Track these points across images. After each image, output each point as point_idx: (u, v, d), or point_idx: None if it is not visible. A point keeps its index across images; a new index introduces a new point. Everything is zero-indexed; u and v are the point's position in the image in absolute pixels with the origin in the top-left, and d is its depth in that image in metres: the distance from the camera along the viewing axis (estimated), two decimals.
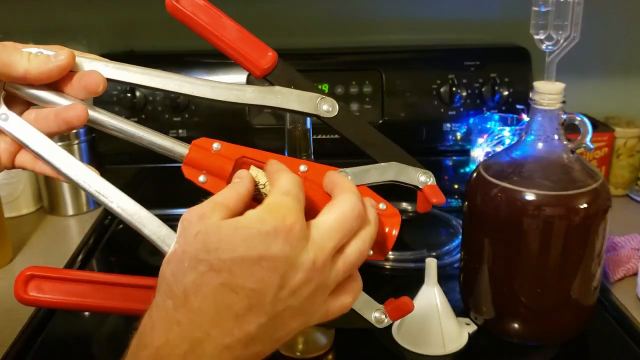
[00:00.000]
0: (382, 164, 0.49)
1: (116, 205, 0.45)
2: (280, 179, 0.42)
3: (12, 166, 0.48)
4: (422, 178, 0.51)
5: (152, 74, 0.48)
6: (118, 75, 0.47)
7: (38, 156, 0.46)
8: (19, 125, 0.46)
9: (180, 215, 0.41)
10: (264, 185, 0.44)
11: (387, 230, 0.46)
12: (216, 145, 0.46)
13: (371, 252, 0.45)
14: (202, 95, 0.48)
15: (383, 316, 0.48)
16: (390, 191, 1.07)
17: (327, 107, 0.49)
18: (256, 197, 0.44)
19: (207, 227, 0.39)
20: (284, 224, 0.39)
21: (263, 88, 0.48)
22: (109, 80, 0.47)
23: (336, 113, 0.49)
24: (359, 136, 0.50)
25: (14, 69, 0.44)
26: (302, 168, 0.46)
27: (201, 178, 0.46)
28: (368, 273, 0.86)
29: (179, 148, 0.47)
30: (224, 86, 0.48)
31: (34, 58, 0.45)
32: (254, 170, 0.45)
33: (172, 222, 0.45)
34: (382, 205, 0.47)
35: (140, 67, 0.48)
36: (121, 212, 0.45)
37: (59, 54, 0.45)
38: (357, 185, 0.45)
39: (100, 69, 0.47)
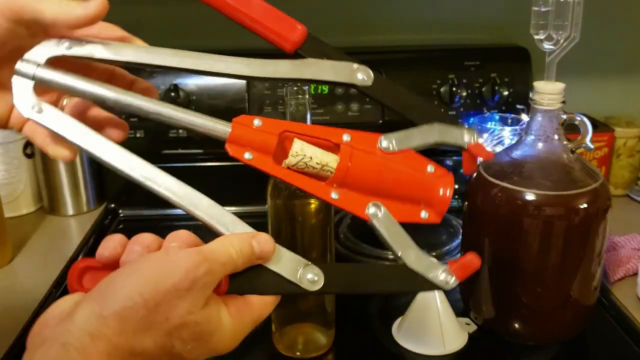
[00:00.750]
0: (424, 126, 0.48)
1: (164, 189, 0.44)
2: (267, 310, 0.46)
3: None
4: (467, 137, 0.49)
5: (184, 54, 0.46)
6: (150, 59, 0.46)
7: (79, 147, 0.44)
8: (55, 117, 0.44)
9: (181, 215, 0.41)
10: (311, 158, 0.44)
11: (441, 191, 0.46)
12: (257, 121, 0.45)
13: (426, 216, 0.46)
14: (238, 73, 0.47)
15: (449, 277, 0.46)
16: None
17: (363, 77, 0.48)
18: (312, 173, 0.44)
19: (207, 322, 0.41)
20: None
21: (297, 61, 0.47)
22: (139, 64, 0.46)
23: (372, 82, 0.49)
24: (398, 101, 0.49)
25: (42, 14, 0.43)
26: (345, 138, 0.45)
27: (247, 155, 0.45)
28: None
29: (221, 127, 0.46)
30: (259, 63, 0.47)
31: (64, 4, 0.43)
32: (297, 144, 0.45)
33: (174, 222, 0.45)
34: (430, 168, 0.47)
35: (170, 49, 0.46)
36: (170, 196, 0.45)
37: (91, 3, 0.43)
38: (403, 150, 0.45)
39: (130, 52, 0.46)
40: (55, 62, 0.44)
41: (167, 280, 0.40)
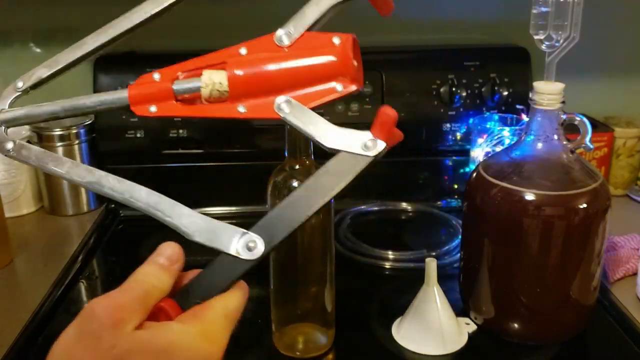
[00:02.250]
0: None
1: (107, 189, 0.45)
2: (230, 297, 0.42)
3: None
4: None
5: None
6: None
7: (57, 175, 0.47)
8: (25, 151, 0.48)
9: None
10: (220, 83, 0.43)
11: (347, 57, 0.43)
12: (156, 75, 0.46)
13: (342, 88, 0.43)
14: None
15: (373, 141, 0.43)
16: (391, 191, 1.07)
17: None
18: (210, 98, 0.44)
19: (127, 342, 0.36)
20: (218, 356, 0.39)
21: None
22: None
23: None
24: None
25: None
26: (242, 51, 0.45)
27: (152, 109, 0.45)
28: (368, 273, 0.87)
29: (119, 94, 0.46)
30: None
31: None
32: (205, 74, 0.44)
33: None
34: (335, 40, 0.44)
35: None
36: (113, 194, 0.45)
37: None
38: (302, 35, 0.44)
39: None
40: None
41: None
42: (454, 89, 1.01)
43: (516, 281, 0.67)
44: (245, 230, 0.42)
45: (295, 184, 0.62)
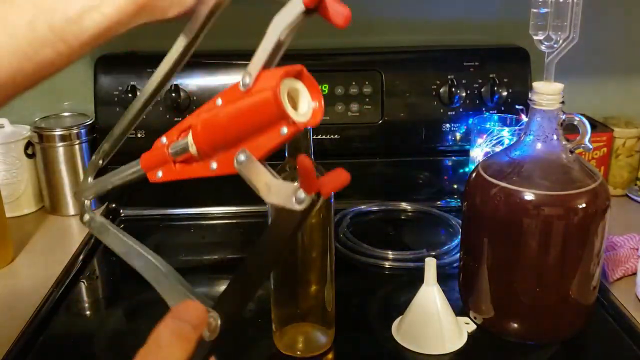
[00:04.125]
0: (265, 37, 0.43)
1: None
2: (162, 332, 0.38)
3: None
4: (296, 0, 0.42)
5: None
6: None
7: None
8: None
9: (181, 215, 0.41)
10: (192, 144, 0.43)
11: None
12: (164, 139, 0.46)
13: (285, 130, 0.39)
14: None
15: (302, 195, 0.39)
16: (391, 191, 1.07)
17: None
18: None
19: None
20: None
21: None
22: None
23: None
24: None
25: None
26: (218, 102, 0.43)
27: (159, 174, 0.46)
28: (368, 273, 0.87)
29: (133, 167, 0.49)
30: None
31: None
32: (189, 137, 0.44)
33: (174, 221, 0.45)
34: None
35: None
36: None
37: None
38: (260, 73, 0.41)
39: None
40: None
41: None
42: (453, 89, 1.01)
43: (516, 281, 0.67)
44: (209, 309, 0.41)
45: (295, 184, 0.62)
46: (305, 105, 0.42)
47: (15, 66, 0.41)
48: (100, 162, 0.55)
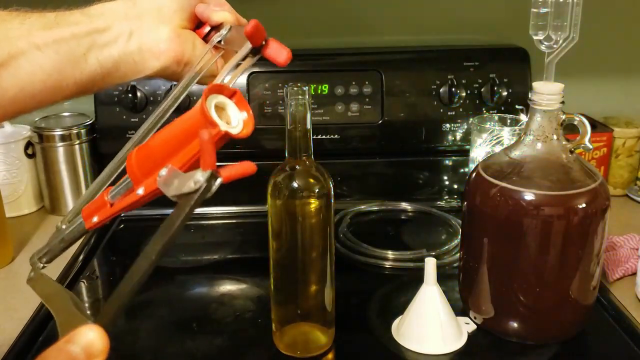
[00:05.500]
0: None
1: None
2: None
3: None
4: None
5: None
6: None
7: None
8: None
9: None
10: None
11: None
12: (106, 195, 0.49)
13: (206, 135, 0.37)
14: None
15: (204, 175, 0.37)
16: (391, 191, 1.07)
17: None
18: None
19: None
20: None
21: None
22: None
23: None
24: None
25: None
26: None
27: (94, 219, 0.49)
28: (368, 273, 0.87)
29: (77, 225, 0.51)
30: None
31: None
32: None
33: None
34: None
35: None
36: None
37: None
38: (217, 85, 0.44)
39: None
40: None
41: None
42: (453, 89, 1.01)
43: (515, 281, 0.67)
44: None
45: (295, 184, 0.62)
46: (235, 119, 0.45)
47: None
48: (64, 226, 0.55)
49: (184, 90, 0.55)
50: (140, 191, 0.44)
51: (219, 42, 0.57)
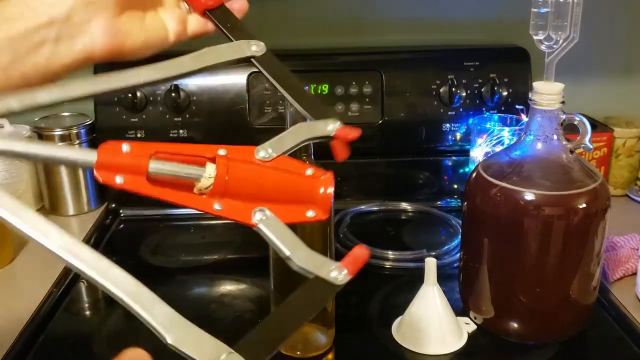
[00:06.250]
0: (292, 127, 0.49)
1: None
2: None
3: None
4: (330, 127, 0.51)
5: (97, 79, 0.49)
6: (66, 92, 0.48)
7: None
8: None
9: (181, 215, 0.40)
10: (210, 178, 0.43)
11: (321, 190, 0.46)
12: (125, 146, 0.44)
13: (313, 214, 0.45)
14: (149, 80, 0.49)
15: (340, 272, 0.46)
16: (391, 191, 1.07)
17: (256, 48, 0.52)
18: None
19: None
20: None
21: (198, 53, 0.50)
22: (62, 101, 0.47)
23: (262, 53, 0.52)
24: (279, 77, 0.52)
25: None
26: (221, 152, 0.45)
27: (118, 179, 0.43)
28: (368, 273, 0.87)
29: (86, 155, 0.44)
30: (164, 64, 0.50)
31: None
32: (210, 167, 0.44)
33: (174, 222, 0.45)
34: (309, 171, 0.46)
35: (83, 78, 0.49)
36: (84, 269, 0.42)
37: None
38: (279, 156, 0.46)
39: (47, 94, 0.47)
40: None
41: None
42: (453, 89, 1.01)
43: (516, 281, 0.67)
44: (231, 350, 0.40)
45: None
46: None
47: None
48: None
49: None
50: (217, 207, 0.44)
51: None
